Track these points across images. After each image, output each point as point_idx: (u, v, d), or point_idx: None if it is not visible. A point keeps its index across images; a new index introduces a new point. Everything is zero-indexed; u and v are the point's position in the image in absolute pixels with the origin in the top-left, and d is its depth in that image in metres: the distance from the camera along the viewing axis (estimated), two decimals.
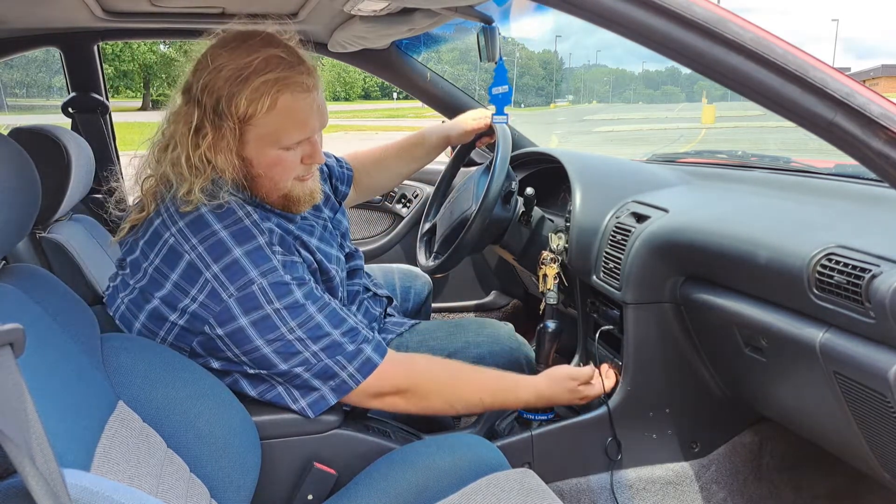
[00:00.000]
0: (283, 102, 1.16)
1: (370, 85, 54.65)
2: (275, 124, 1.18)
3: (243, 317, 1.14)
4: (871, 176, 1.27)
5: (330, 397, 1.20)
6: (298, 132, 1.21)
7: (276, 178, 1.23)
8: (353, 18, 1.80)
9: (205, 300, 1.14)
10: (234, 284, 1.13)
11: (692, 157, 2.23)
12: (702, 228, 1.37)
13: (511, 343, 1.61)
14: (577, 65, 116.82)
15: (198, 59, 1.20)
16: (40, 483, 0.49)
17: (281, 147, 1.20)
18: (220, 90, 1.15)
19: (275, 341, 1.15)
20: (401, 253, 2.63)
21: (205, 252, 1.14)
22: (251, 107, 1.15)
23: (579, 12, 0.81)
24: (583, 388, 1.42)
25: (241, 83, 1.15)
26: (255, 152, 1.20)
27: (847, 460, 1.26)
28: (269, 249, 1.17)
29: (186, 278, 1.14)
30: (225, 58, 1.17)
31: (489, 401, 1.32)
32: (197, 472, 1.05)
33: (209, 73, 1.16)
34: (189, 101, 1.19)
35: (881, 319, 0.95)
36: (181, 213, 1.17)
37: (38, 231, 1.70)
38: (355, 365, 1.19)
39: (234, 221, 1.17)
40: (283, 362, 1.16)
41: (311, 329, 1.17)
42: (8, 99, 24.34)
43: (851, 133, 0.79)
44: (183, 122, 1.18)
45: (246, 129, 1.18)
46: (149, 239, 1.19)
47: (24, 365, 0.53)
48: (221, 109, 1.16)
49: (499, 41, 1.77)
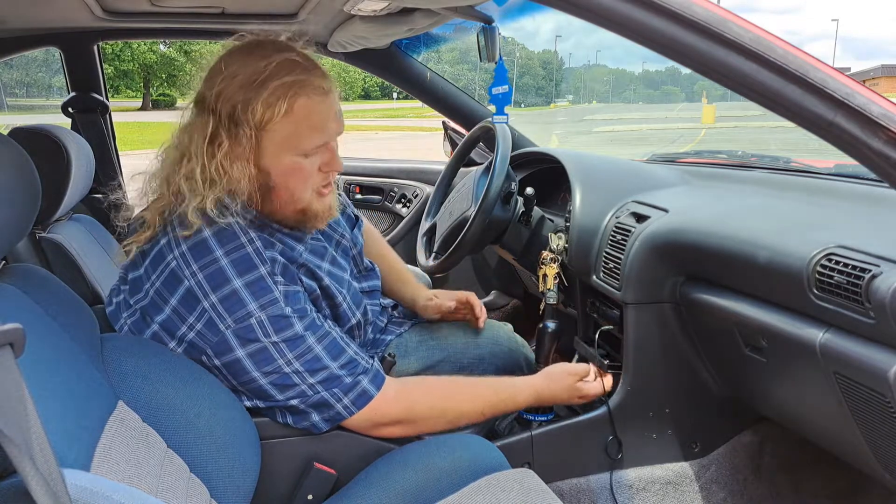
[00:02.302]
0: (299, 106, 1.14)
1: (370, 85, 54.64)
2: (292, 129, 1.14)
3: (240, 349, 1.12)
4: (871, 176, 1.28)
5: (322, 426, 1.19)
6: (317, 136, 1.17)
7: (293, 189, 1.19)
8: (353, 18, 1.80)
9: (202, 329, 1.13)
10: (231, 316, 1.11)
11: (692, 157, 2.23)
12: (702, 228, 1.37)
13: (511, 343, 1.61)
14: (577, 65, 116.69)
15: (210, 68, 1.17)
16: (40, 483, 0.49)
17: (299, 153, 1.17)
18: (235, 97, 1.13)
19: (271, 374, 1.14)
20: (401, 253, 2.61)
21: (204, 280, 1.12)
22: (267, 112, 1.12)
23: (579, 12, 0.81)
24: (581, 384, 1.42)
25: (257, 88, 1.12)
26: (272, 160, 1.16)
27: (847, 460, 1.26)
28: (271, 280, 1.14)
29: (185, 305, 1.13)
30: (239, 64, 1.14)
31: (490, 412, 1.32)
32: (197, 471, 1.05)
33: (223, 80, 1.14)
34: (203, 111, 1.16)
35: (881, 319, 0.95)
36: (185, 236, 1.13)
37: (37, 231, 1.70)
38: (350, 397, 1.18)
39: (236, 248, 1.13)
40: (279, 393, 1.15)
41: (308, 361, 1.15)
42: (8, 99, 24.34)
43: (851, 133, 0.79)
44: (198, 133, 1.15)
45: (263, 135, 1.14)
46: (153, 259, 1.17)
47: (24, 365, 0.53)
48: (237, 116, 1.13)
49: (499, 41, 1.78)
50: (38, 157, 0.95)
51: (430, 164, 2.70)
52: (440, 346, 1.54)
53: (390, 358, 1.39)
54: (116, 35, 2.44)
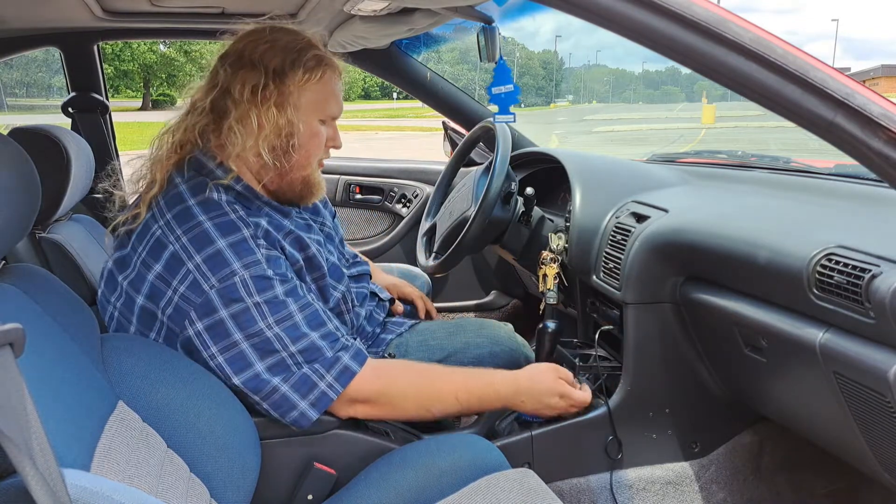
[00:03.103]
0: (327, 77, 1.29)
1: (370, 85, 54.64)
2: (323, 94, 1.29)
3: (223, 309, 1.14)
4: (871, 176, 1.28)
5: (311, 413, 1.18)
6: (337, 107, 1.34)
7: (310, 152, 1.31)
8: (353, 18, 1.80)
9: (186, 291, 1.15)
10: (216, 275, 1.14)
11: (692, 157, 2.23)
12: (702, 229, 1.37)
13: (511, 343, 1.61)
14: (577, 65, 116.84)
15: (236, 44, 1.28)
16: (40, 483, 0.49)
17: (322, 117, 1.31)
18: (280, 56, 1.25)
19: (253, 336, 1.15)
20: (401, 253, 2.63)
21: (188, 243, 1.16)
22: (307, 74, 1.26)
23: (579, 12, 0.81)
24: (566, 387, 1.36)
25: (299, 52, 1.26)
26: (305, 116, 1.28)
27: (847, 460, 1.26)
28: (254, 242, 1.19)
29: (169, 269, 1.16)
30: (278, 33, 1.29)
31: (465, 398, 1.28)
32: (197, 471, 1.05)
33: (266, 41, 1.26)
34: (242, 66, 1.25)
35: (881, 319, 0.95)
36: (169, 206, 1.20)
37: (37, 231, 1.70)
38: (333, 374, 1.19)
39: (220, 214, 1.19)
40: (259, 360, 1.15)
41: (289, 328, 1.17)
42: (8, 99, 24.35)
43: (851, 133, 0.79)
44: (245, 83, 1.23)
45: (302, 93, 1.27)
46: (139, 234, 1.21)
47: (24, 365, 0.53)
48: (285, 70, 1.25)
49: (499, 41, 1.77)
50: (38, 157, 0.96)
51: (430, 164, 2.70)
52: (440, 346, 1.54)
53: (390, 358, 1.39)
54: (116, 35, 2.44)
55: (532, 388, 1.34)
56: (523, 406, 1.35)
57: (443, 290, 2.58)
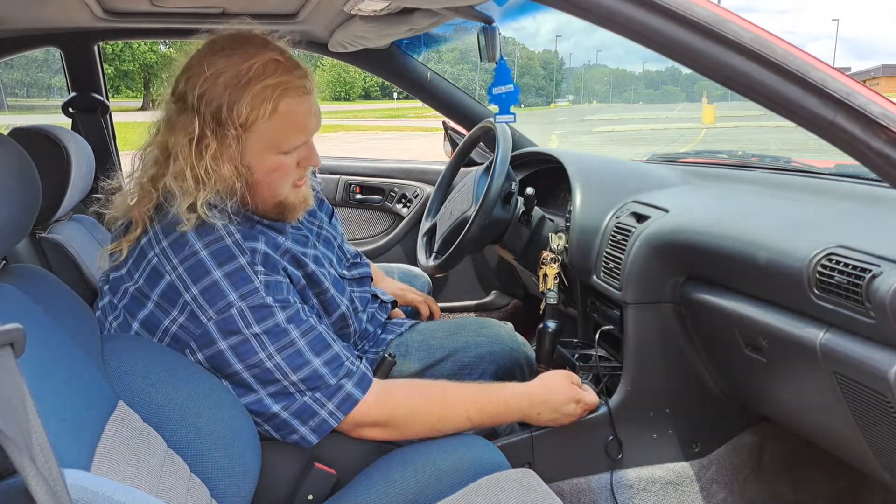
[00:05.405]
0: (283, 107, 1.15)
1: (370, 85, 54.65)
2: (276, 129, 1.16)
3: (222, 341, 1.13)
4: (872, 176, 1.27)
5: (311, 438, 1.18)
6: (299, 135, 1.20)
7: (274, 185, 1.21)
8: (353, 18, 1.80)
9: (185, 322, 1.13)
10: (212, 308, 1.12)
11: (692, 157, 2.23)
12: (702, 229, 1.37)
13: (511, 343, 1.61)
14: (578, 65, 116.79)
15: (189, 66, 1.17)
16: (40, 483, 0.49)
17: (280, 152, 1.19)
18: (219, 98, 1.13)
19: (253, 367, 1.14)
20: (401, 253, 2.63)
21: (184, 273, 1.12)
22: (253, 113, 1.13)
23: (579, 12, 0.81)
24: (581, 392, 1.37)
25: (242, 89, 1.13)
26: (256, 159, 1.18)
27: (847, 460, 1.26)
28: (251, 270, 1.15)
29: (166, 299, 1.13)
30: (222, 64, 1.14)
31: (477, 416, 1.25)
32: (197, 471, 1.04)
33: (205, 80, 1.14)
34: (185, 110, 1.16)
35: (881, 319, 0.95)
36: (165, 232, 1.15)
37: (38, 231, 1.70)
38: (335, 402, 1.17)
39: (215, 240, 1.14)
40: (262, 388, 1.15)
41: (291, 355, 1.15)
42: (8, 99, 24.34)
43: (852, 133, 0.79)
44: (182, 134, 1.15)
45: (248, 135, 1.16)
46: (136, 258, 1.17)
47: (25, 365, 0.53)
48: (222, 117, 1.14)
49: (499, 41, 1.77)
50: (38, 157, 0.96)
51: (430, 164, 2.70)
52: (440, 345, 1.54)
53: (390, 358, 1.39)
54: (116, 35, 2.43)
55: (549, 399, 1.33)
56: (539, 419, 1.34)
57: (443, 290, 2.59)
